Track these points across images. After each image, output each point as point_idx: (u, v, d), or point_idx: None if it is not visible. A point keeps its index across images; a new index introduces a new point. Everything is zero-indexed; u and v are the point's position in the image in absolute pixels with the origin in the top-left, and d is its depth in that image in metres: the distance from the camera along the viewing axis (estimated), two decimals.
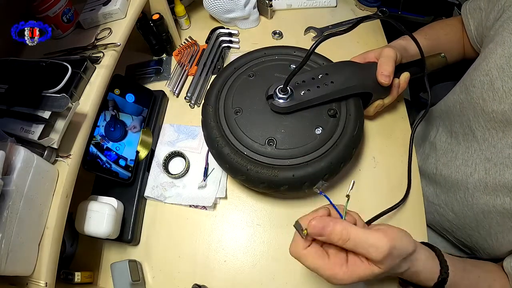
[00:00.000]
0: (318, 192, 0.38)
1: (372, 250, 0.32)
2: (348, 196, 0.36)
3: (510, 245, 0.45)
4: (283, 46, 0.56)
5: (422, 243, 0.40)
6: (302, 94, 0.45)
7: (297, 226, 0.35)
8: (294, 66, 0.51)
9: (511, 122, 0.44)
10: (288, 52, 0.54)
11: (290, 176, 0.42)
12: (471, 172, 0.50)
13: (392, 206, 0.49)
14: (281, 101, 0.45)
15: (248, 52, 0.55)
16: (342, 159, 0.44)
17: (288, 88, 0.44)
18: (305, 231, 0.33)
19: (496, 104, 0.45)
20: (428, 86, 0.53)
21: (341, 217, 0.36)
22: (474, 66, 0.52)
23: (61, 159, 0.42)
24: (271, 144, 0.44)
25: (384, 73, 0.48)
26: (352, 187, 0.37)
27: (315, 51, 0.54)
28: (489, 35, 0.50)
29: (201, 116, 0.49)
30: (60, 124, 0.41)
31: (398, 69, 0.52)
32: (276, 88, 0.45)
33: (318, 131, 0.45)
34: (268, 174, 0.42)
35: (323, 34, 0.72)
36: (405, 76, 0.52)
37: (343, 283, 0.33)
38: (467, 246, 0.56)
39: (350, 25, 0.43)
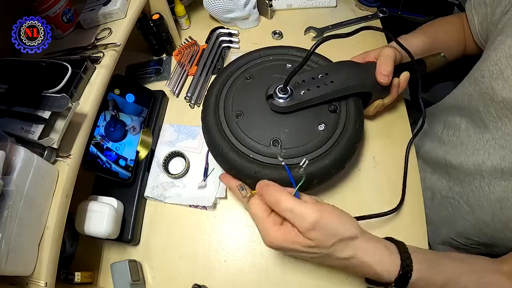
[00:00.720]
0: (281, 160, 0.40)
1: (297, 218, 0.34)
2: (302, 175, 0.38)
3: None
4: (277, 46, 0.55)
5: (386, 238, 0.40)
6: (302, 93, 0.45)
7: (240, 187, 0.40)
8: (290, 66, 0.51)
9: None
10: (282, 52, 0.54)
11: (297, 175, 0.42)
12: (484, 160, 0.49)
13: (380, 213, 0.48)
14: (281, 100, 0.45)
15: (241, 56, 0.54)
16: (345, 156, 0.44)
17: (288, 87, 0.44)
18: (250, 193, 0.38)
19: (506, 92, 0.45)
20: (420, 91, 0.53)
21: (295, 187, 0.38)
22: (483, 58, 0.51)
23: (61, 159, 0.42)
24: (275, 145, 0.44)
25: (383, 73, 0.48)
26: (304, 164, 0.39)
27: (316, 51, 0.55)
28: (496, 29, 0.50)
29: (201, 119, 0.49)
30: (60, 124, 0.41)
31: (398, 69, 0.52)
32: (276, 88, 0.45)
33: (321, 127, 0.45)
34: (275, 175, 0.42)
35: (324, 35, 0.72)
36: (405, 75, 0.52)
37: (274, 243, 0.35)
38: (482, 244, 0.54)
39: (352, 31, 0.44)
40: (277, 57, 0.53)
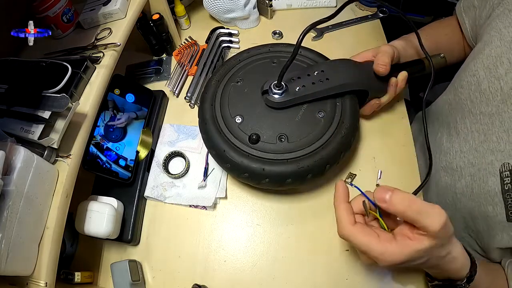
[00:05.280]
0: (349, 184, 0.38)
1: (431, 218, 0.31)
2: (378, 185, 0.37)
3: (499, 247, 0.45)
4: (256, 46, 0.56)
5: None
6: (297, 90, 0.46)
7: (364, 205, 0.36)
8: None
9: (495, 126, 0.43)
10: (264, 51, 0.54)
11: (295, 169, 0.43)
12: (459, 177, 0.49)
13: (421, 184, 0.48)
14: (276, 96, 0.45)
15: (223, 63, 0.55)
16: (339, 152, 0.45)
17: (282, 83, 0.45)
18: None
19: (483, 106, 0.44)
20: (432, 81, 0.52)
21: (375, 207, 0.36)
22: (463, 66, 0.51)
23: (61, 159, 0.42)
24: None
25: (380, 63, 0.49)
26: (380, 177, 0.38)
27: (313, 49, 0.55)
28: (480, 34, 0.50)
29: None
30: (60, 124, 0.41)
31: (397, 69, 0.52)
32: (271, 84, 0.46)
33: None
34: (283, 169, 0.43)
35: (323, 35, 0.72)
36: (403, 75, 0.52)
37: (393, 260, 0.32)
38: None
39: (336, 10, 0.43)
40: (259, 56, 0.54)
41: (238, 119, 0.46)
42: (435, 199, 0.55)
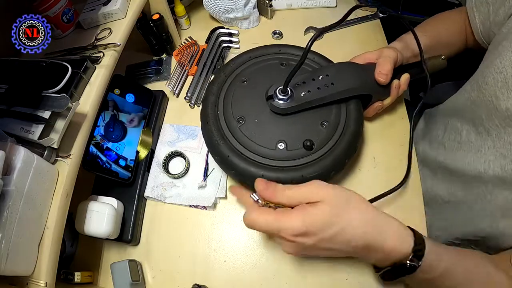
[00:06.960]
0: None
1: (310, 191, 0.37)
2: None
3: None
4: (267, 45, 0.55)
5: None
6: (302, 95, 0.45)
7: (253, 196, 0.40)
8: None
9: None
10: (274, 51, 0.54)
11: (299, 177, 0.42)
12: (485, 168, 0.48)
13: (392, 189, 0.49)
14: (281, 102, 0.44)
15: (233, 58, 0.54)
16: (343, 158, 0.44)
17: (288, 88, 0.44)
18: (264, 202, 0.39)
19: (510, 102, 0.44)
20: (429, 85, 0.52)
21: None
22: (487, 63, 0.50)
23: (61, 159, 0.42)
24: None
25: (382, 72, 0.48)
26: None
27: (316, 51, 0.54)
28: (500, 33, 0.49)
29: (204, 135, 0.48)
30: (60, 124, 0.41)
31: (399, 71, 0.52)
32: (276, 89, 0.44)
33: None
34: (281, 177, 0.42)
35: (323, 35, 0.72)
36: (405, 77, 0.52)
37: (297, 228, 0.35)
38: (473, 244, 0.54)
39: (343, 16, 0.43)
40: (269, 56, 0.53)
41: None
42: (461, 192, 0.54)
